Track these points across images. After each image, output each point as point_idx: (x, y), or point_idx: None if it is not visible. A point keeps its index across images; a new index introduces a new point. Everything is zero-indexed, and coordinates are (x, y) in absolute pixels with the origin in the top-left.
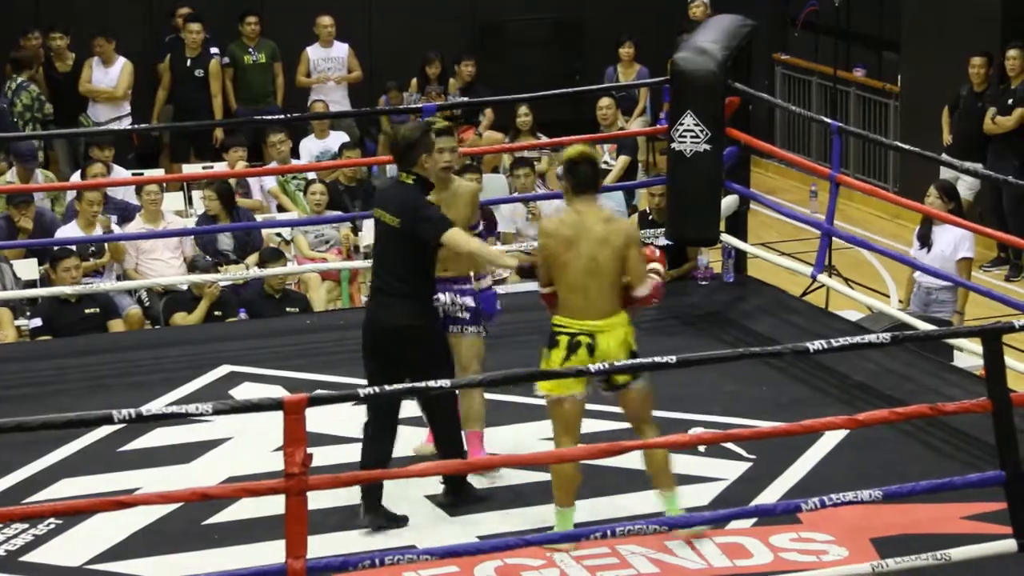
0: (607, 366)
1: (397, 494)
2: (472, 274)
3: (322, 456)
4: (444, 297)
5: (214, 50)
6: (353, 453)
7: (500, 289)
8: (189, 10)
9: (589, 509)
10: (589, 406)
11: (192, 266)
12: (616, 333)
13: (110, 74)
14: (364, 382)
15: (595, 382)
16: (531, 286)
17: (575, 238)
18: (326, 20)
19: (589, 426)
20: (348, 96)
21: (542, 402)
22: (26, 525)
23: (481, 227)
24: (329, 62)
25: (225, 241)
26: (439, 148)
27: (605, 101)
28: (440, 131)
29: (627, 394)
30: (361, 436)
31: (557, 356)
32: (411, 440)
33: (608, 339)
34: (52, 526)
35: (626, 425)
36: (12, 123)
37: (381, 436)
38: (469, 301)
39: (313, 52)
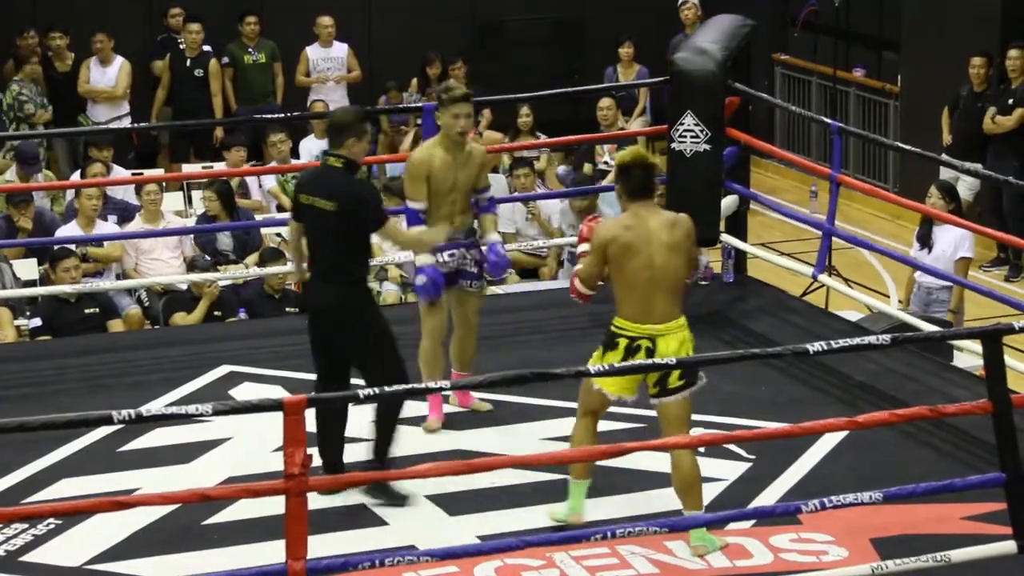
0: (607, 367)
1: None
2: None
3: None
4: (455, 252)
5: (207, 48)
6: (354, 453)
7: (499, 290)
8: (181, 10)
9: (588, 510)
10: None
11: (191, 266)
12: (676, 336)
13: (108, 74)
14: (363, 382)
15: (644, 386)
16: (531, 286)
17: (639, 244)
18: (326, 20)
19: None
20: (348, 96)
21: (543, 402)
22: (26, 525)
23: (490, 192)
24: (329, 62)
25: (225, 241)
26: (454, 114)
27: (605, 102)
28: (456, 98)
29: (664, 405)
30: (363, 436)
31: (614, 358)
32: (411, 439)
33: (668, 342)
34: (52, 526)
35: (627, 425)
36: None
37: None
38: (477, 254)
39: (313, 52)
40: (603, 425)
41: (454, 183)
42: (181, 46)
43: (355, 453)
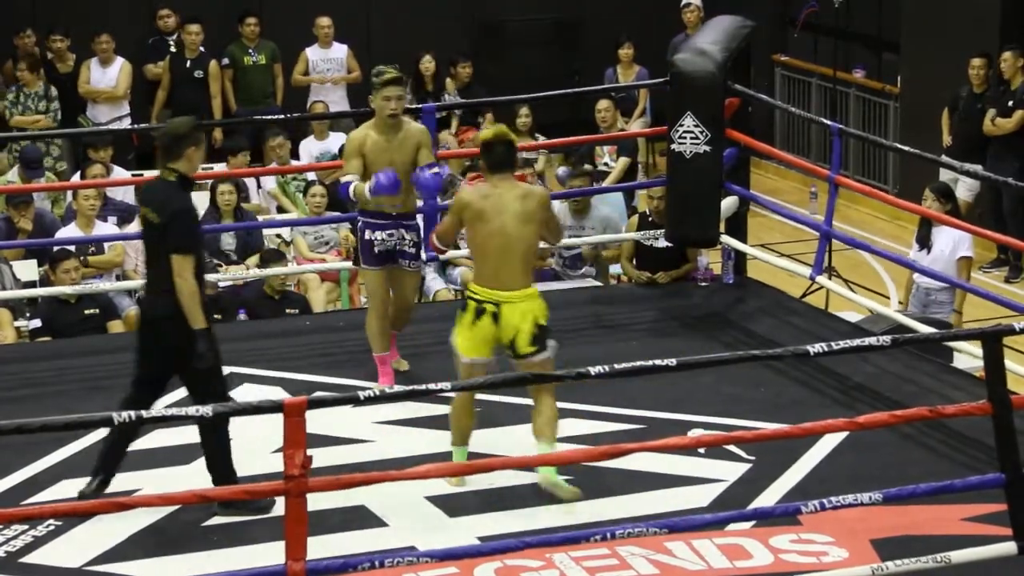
0: (608, 369)
1: (397, 495)
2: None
3: (322, 458)
4: (394, 232)
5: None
6: (354, 454)
7: None
8: (170, 12)
9: (589, 511)
10: (591, 408)
11: None
12: (520, 306)
13: (108, 74)
14: (365, 383)
15: (503, 350)
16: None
17: (491, 213)
18: (324, 21)
19: (588, 427)
20: (348, 97)
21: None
22: (26, 526)
23: (444, 169)
24: (328, 63)
25: (228, 240)
26: (385, 96)
27: (604, 103)
28: (387, 81)
29: (530, 364)
30: (349, 437)
31: (467, 320)
32: (409, 441)
33: (512, 310)
34: (52, 527)
35: (626, 427)
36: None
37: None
38: (415, 236)
39: (312, 53)
40: (602, 426)
41: (389, 164)
42: (172, 48)
43: (356, 454)
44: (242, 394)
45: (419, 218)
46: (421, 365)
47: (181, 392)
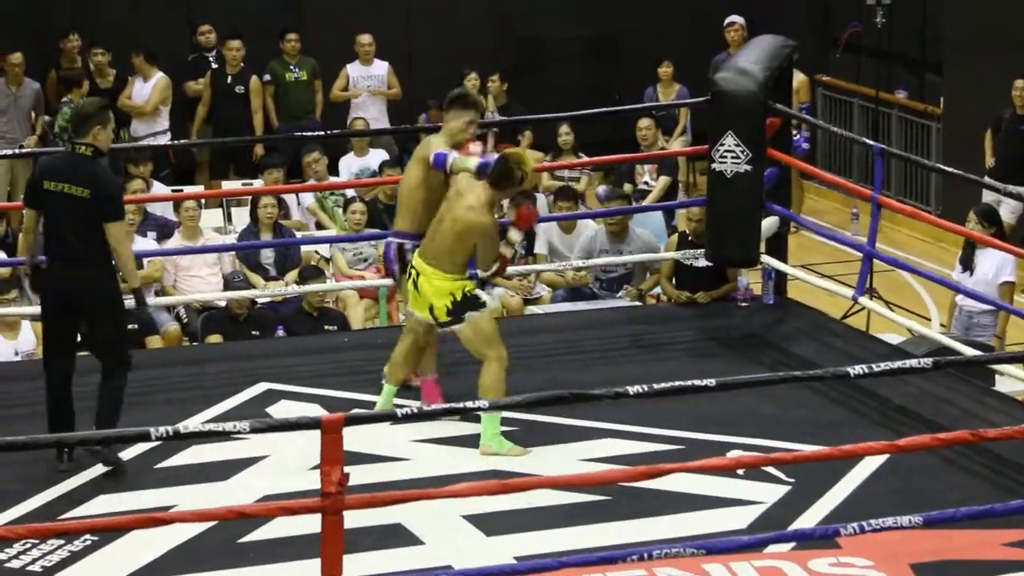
0: (646, 389)
1: (434, 513)
2: None
3: (359, 475)
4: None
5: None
6: (391, 472)
7: (537, 309)
8: (210, 27)
9: (625, 531)
10: (629, 428)
11: (226, 284)
12: (432, 282)
13: (147, 89)
14: (403, 401)
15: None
16: (568, 306)
17: (453, 199)
18: (365, 39)
19: (626, 447)
20: (387, 113)
21: (581, 423)
22: (62, 541)
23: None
24: (369, 80)
25: (267, 253)
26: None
27: (645, 121)
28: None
29: (459, 333)
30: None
31: (404, 276)
32: (447, 459)
33: (424, 282)
34: (88, 542)
35: (664, 447)
36: (53, 143)
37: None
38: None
39: (353, 70)
40: (640, 446)
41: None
42: (213, 64)
43: (394, 472)
44: (280, 411)
45: None
46: (458, 383)
47: (219, 409)
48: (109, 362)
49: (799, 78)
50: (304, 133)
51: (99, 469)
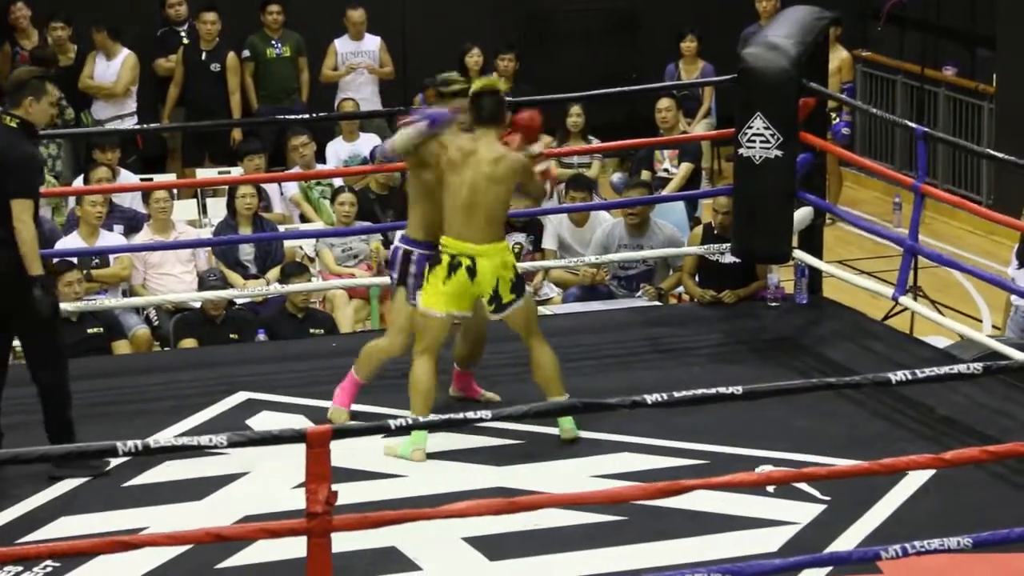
0: (666, 397)
1: (431, 535)
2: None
3: (348, 494)
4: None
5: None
6: (384, 490)
7: (547, 311)
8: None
9: (643, 555)
10: (648, 441)
11: (201, 283)
12: (494, 259)
13: (112, 68)
14: (396, 411)
15: (484, 304)
16: (583, 307)
17: (463, 165)
18: (357, 16)
19: (644, 462)
20: (379, 94)
21: (594, 435)
22: (20, 568)
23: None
24: (360, 56)
25: (246, 249)
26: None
27: (665, 102)
28: (456, 94)
29: (514, 313)
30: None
31: (439, 275)
32: (445, 475)
33: (485, 263)
34: (49, 569)
35: (687, 462)
36: None
37: None
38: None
39: (342, 45)
40: (659, 461)
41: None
42: (185, 39)
43: (386, 490)
44: (261, 423)
45: None
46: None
47: (194, 420)
48: (34, 358)
49: (841, 55)
50: (287, 116)
51: (61, 487)
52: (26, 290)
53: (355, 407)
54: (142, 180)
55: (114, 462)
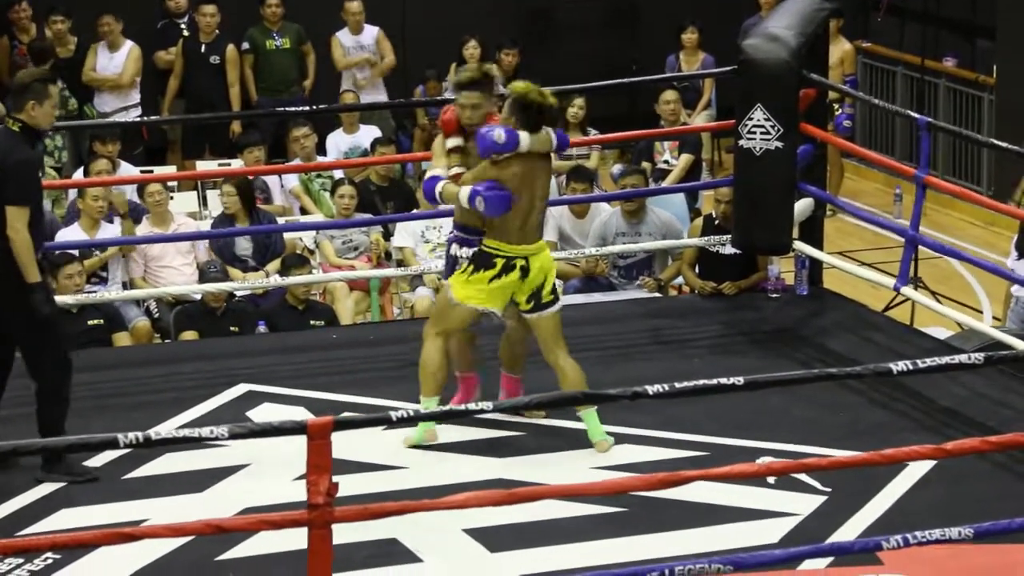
0: (667, 388)
1: (432, 527)
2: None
3: (349, 485)
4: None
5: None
6: (385, 482)
7: None
8: None
9: (644, 546)
10: (648, 433)
11: (202, 274)
12: (544, 256)
13: (116, 60)
14: (397, 403)
15: (513, 304)
16: (585, 298)
17: (526, 174)
18: (355, 7)
19: (645, 454)
20: (383, 85)
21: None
22: (21, 560)
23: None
24: (360, 50)
25: (243, 244)
26: (460, 104)
27: (670, 95)
28: (461, 84)
29: (542, 319)
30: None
31: (487, 275)
32: (446, 468)
33: (538, 261)
34: (50, 561)
35: (687, 453)
36: None
37: None
38: (466, 252)
39: (344, 38)
40: (660, 452)
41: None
42: (185, 32)
43: (387, 482)
44: (262, 415)
45: None
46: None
47: (194, 412)
48: (34, 366)
49: (844, 47)
50: (287, 108)
51: (61, 480)
52: (21, 296)
53: (355, 399)
54: (142, 172)
55: (115, 454)
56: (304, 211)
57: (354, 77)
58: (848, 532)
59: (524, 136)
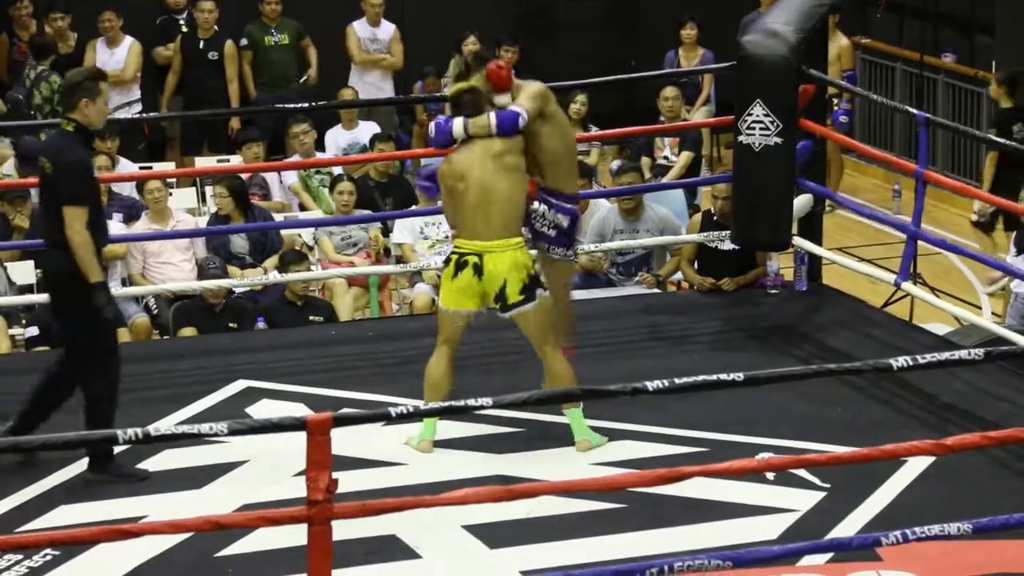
0: (666, 384)
1: (431, 523)
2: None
3: (348, 482)
4: (538, 207)
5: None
6: (384, 478)
7: None
8: None
9: (643, 542)
10: (647, 429)
11: (200, 271)
12: (504, 256)
13: (116, 56)
14: (396, 399)
15: (487, 304)
16: (582, 295)
17: (467, 169)
18: None
19: (644, 450)
20: (390, 80)
21: (593, 422)
22: (20, 556)
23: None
24: (377, 43)
25: (239, 243)
26: None
27: (670, 91)
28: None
29: (522, 315)
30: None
31: (448, 273)
32: (446, 464)
33: (495, 260)
34: (49, 557)
35: (686, 449)
36: (29, 116)
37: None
38: (561, 219)
39: (361, 29)
40: (659, 448)
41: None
42: (184, 28)
43: (386, 478)
44: (261, 411)
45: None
46: (460, 380)
47: (193, 409)
48: (74, 365)
49: (841, 43)
50: (287, 105)
51: (60, 476)
52: (76, 295)
53: (354, 395)
54: (141, 168)
55: (114, 450)
56: (303, 207)
57: (361, 73)
58: (847, 528)
59: (457, 122)
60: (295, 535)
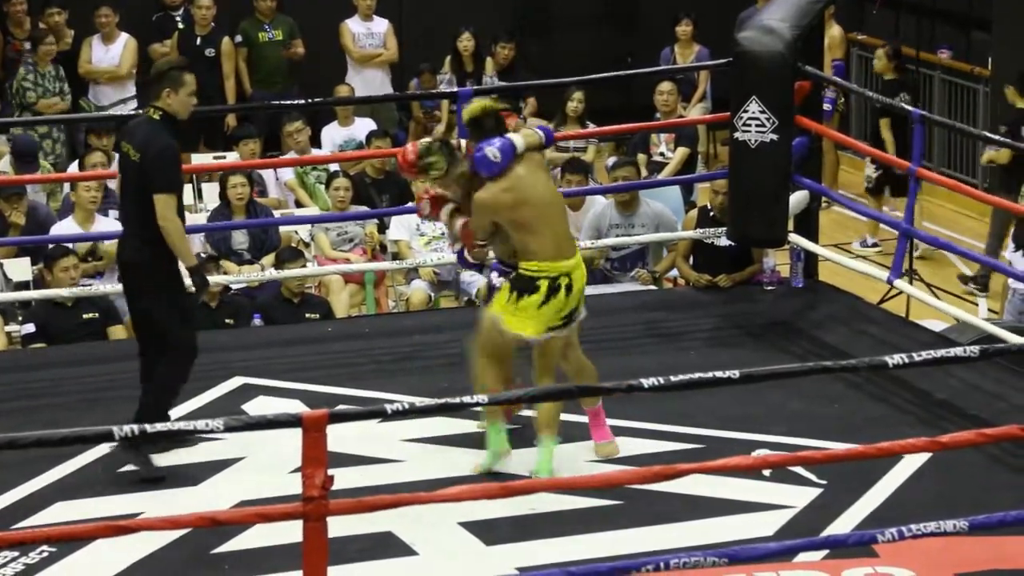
0: (662, 382)
1: (427, 520)
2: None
3: (344, 478)
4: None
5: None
6: (380, 475)
7: None
8: None
9: (639, 539)
10: (643, 425)
11: None
12: (583, 268)
13: (112, 52)
14: (392, 396)
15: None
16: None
17: (520, 191)
18: None
19: (640, 446)
20: (387, 77)
21: (587, 420)
22: (16, 552)
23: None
24: (371, 38)
25: (239, 238)
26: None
27: (666, 86)
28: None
29: (571, 328)
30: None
31: (534, 300)
32: (442, 461)
33: (581, 274)
34: (45, 554)
35: (682, 446)
36: (8, 104)
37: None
38: (495, 278)
39: (354, 25)
40: (655, 445)
41: None
42: (180, 24)
43: (382, 475)
44: (257, 408)
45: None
46: (457, 377)
47: (189, 405)
48: (154, 346)
49: (832, 32)
50: (283, 102)
51: (57, 472)
52: (153, 283)
53: (350, 392)
54: None
55: (110, 446)
56: (299, 204)
57: (359, 70)
58: (843, 525)
59: (517, 138)
60: (291, 532)
